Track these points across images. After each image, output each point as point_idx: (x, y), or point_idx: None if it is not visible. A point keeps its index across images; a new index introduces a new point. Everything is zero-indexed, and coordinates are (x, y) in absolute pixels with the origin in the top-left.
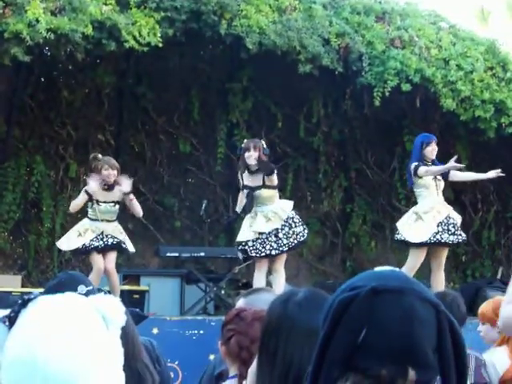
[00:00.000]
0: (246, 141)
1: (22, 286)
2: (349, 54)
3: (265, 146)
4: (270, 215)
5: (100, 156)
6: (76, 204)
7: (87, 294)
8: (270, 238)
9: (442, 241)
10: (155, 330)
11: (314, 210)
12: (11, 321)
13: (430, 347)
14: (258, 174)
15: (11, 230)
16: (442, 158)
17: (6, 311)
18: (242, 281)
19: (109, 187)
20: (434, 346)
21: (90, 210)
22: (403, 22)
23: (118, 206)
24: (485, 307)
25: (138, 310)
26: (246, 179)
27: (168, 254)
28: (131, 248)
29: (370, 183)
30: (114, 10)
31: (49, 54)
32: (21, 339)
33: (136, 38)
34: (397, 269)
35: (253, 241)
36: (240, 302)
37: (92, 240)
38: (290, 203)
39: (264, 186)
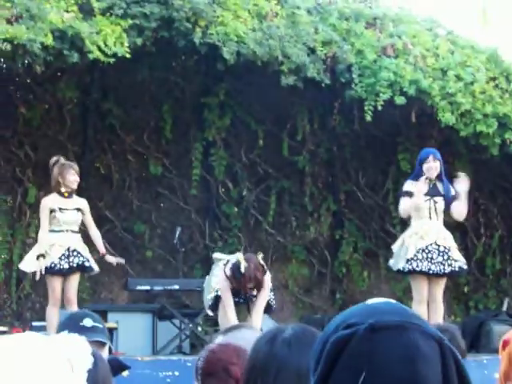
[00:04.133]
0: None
1: None
2: (336, 64)
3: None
4: None
5: (63, 160)
6: (44, 231)
7: (92, 329)
8: None
9: (418, 269)
10: (125, 372)
11: (300, 236)
12: None
13: None
14: None
15: None
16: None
17: None
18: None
19: (69, 194)
20: None
21: (52, 222)
22: (396, 28)
23: (81, 214)
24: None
25: (118, 357)
26: None
27: (138, 288)
28: (95, 267)
29: (362, 207)
30: (77, 17)
31: (4, 66)
32: None
33: (101, 49)
34: (392, 300)
35: None
36: (218, 341)
37: (60, 258)
38: None
39: None
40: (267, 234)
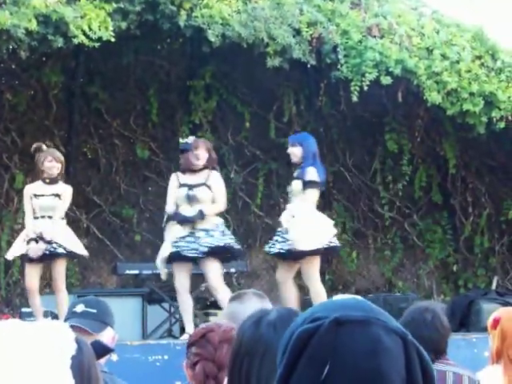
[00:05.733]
0: None
1: None
2: (322, 44)
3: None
4: None
5: (44, 147)
6: (27, 217)
7: (81, 314)
8: None
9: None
10: (114, 357)
11: None
12: None
13: (399, 381)
14: None
15: None
16: (428, 156)
17: None
18: (211, 299)
19: (51, 181)
20: (403, 379)
21: (33, 209)
22: (381, 8)
23: (58, 199)
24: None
25: (101, 340)
26: None
27: (127, 272)
28: (82, 251)
29: (350, 187)
30: (61, 1)
31: None
32: None
33: (86, 33)
34: (359, 297)
35: None
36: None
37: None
38: None
39: None
40: (255, 216)
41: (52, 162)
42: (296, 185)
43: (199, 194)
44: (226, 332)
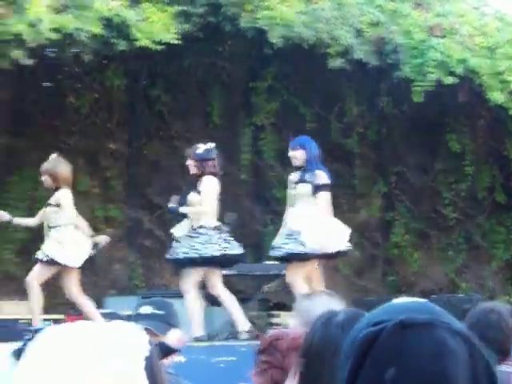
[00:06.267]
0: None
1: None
2: (384, 45)
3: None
4: None
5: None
6: None
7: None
8: None
9: None
10: (180, 358)
11: (351, 219)
12: (19, 353)
13: None
14: None
15: (18, 252)
16: (491, 156)
17: (19, 344)
18: (274, 301)
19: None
20: (468, 381)
21: None
22: (443, 7)
23: (58, 209)
24: None
25: (165, 341)
26: None
27: None
28: (67, 261)
29: (412, 188)
30: (124, 5)
31: (53, 56)
32: (29, 373)
33: (148, 36)
34: (421, 299)
35: None
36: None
37: None
38: None
39: None
40: None
41: (42, 177)
42: (303, 188)
43: (189, 197)
44: (295, 340)
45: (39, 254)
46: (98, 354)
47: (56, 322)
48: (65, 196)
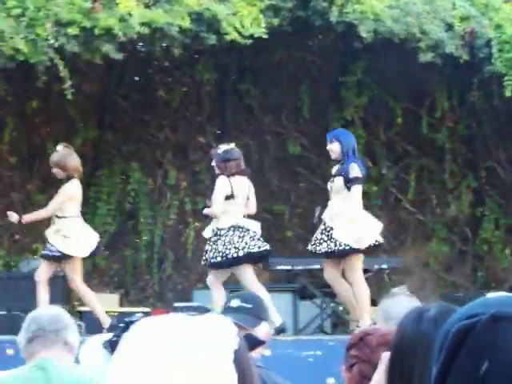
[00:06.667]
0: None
1: (120, 306)
2: (475, 39)
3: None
4: None
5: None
6: None
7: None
8: None
9: None
10: (267, 352)
11: (440, 214)
12: (113, 346)
13: None
14: None
15: (106, 244)
16: None
17: (109, 335)
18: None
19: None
20: None
21: None
22: None
23: (66, 200)
24: None
25: (252, 333)
26: None
27: (279, 267)
28: (69, 250)
29: (503, 183)
30: None
31: (143, 50)
32: (125, 366)
33: (238, 30)
34: None
35: None
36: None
37: None
38: None
39: None
40: (407, 213)
41: (53, 169)
42: (338, 181)
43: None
44: (384, 336)
45: (46, 250)
46: (188, 347)
47: (144, 314)
48: (68, 187)
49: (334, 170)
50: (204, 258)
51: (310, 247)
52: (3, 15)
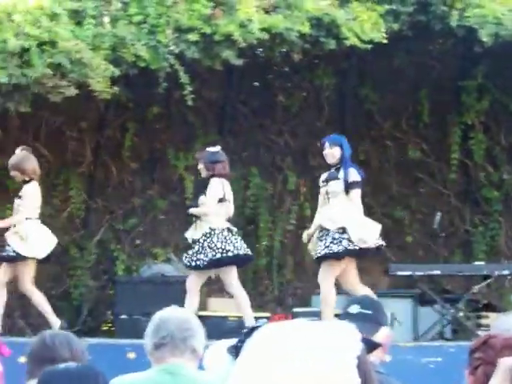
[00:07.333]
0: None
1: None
2: None
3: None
4: None
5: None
6: None
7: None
8: None
9: None
10: (387, 358)
11: None
12: (237, 351)
13: None
14: None
15: None
16: None
17: (233, 341)
18: (483, 302)
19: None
20: None
21: None
22: None
23: (23, 202)
24: None
25: (367, 338)
26: None
27: (399, 273)
28: (29, 253)
29: None
30: (333, 4)
31: (262, 55)
32: (249, 371)
33: (358, 35)
34: None
35: None
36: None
37: None
38: None
39: None
40: None
41: (11, 173)
42: (337, 185)
43: (200, 200)
44: (507, 340)
45: (4, 251)
46: (313, 353)
47: (264, 319)
48: (31, 189)
49: (325, 175)
50: (188, 259)
51: (314, 252)
52: (125, 22)
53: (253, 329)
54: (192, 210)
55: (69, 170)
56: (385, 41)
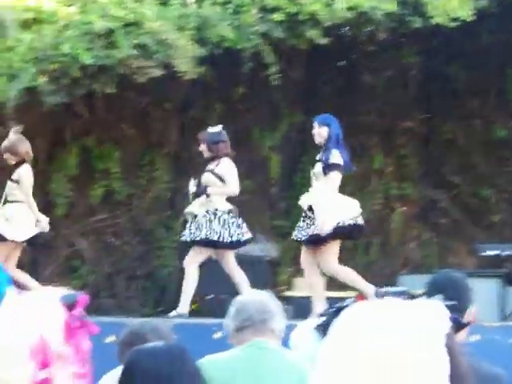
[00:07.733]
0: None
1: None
2: None
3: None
4: None
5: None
6: None
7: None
8: None
9: None
10: (475, 337)
11: None
12: (324, 330)
13: None
14: None
15: None
16: None
17: (320, 320)
18: None
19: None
20: None
21: None
22: None
23: (17, 185)
24: None
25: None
26: None
27: (487, 253)
28: (14, 236)
29: None
30: None
31: (348, 34)
32: (338, 350)
33: (444, 13)
34: None
35: None
36: None
37: None
38: None
39: None
40: None
41: (4, 155)
42: (317, 167)
43: (203, 179)
44: None
45: None
46: (402, 332)
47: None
48: (25, 173)
49: (318, 156)
50: (191, 234)
51: (293, 236)
52: (210, 2)
53: (340, 308)
54: (216, 190)
55: (154, 151)
56: (471, 19)
